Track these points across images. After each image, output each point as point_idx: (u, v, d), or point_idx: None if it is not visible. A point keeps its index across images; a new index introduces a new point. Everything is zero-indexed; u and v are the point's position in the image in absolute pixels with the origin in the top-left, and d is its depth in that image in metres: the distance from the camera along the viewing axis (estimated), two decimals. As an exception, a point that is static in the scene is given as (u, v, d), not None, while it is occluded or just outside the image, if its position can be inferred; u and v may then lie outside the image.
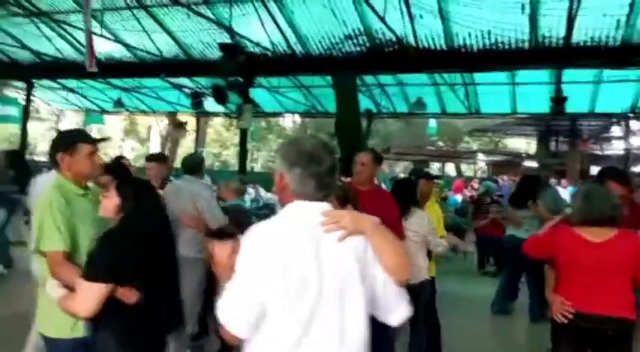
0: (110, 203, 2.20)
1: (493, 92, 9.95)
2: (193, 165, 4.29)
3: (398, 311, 1.67)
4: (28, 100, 11.24)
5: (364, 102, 10.15)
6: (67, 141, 2.48)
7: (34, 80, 11.24)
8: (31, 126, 12.79)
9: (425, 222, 3.70)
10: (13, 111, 13.55)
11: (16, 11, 7.86)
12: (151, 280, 2.14)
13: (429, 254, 3.84)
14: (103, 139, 2.90)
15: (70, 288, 2.14)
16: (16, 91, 13.54)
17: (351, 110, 8.27)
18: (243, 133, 9.21)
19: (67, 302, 2.10)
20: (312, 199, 1.63)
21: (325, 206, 1.65)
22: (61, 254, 2.27)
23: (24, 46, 9.45)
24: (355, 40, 7.76)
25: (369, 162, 3.55)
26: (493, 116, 12.28)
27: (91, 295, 2.02)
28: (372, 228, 1.64)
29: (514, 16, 6.55)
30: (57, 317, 2.29)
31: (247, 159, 9.30)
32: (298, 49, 8.11)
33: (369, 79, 10.19)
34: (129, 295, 2.10)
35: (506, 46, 7.23)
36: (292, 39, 7.90)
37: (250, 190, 13.57)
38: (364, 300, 1.59)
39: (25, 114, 11.37)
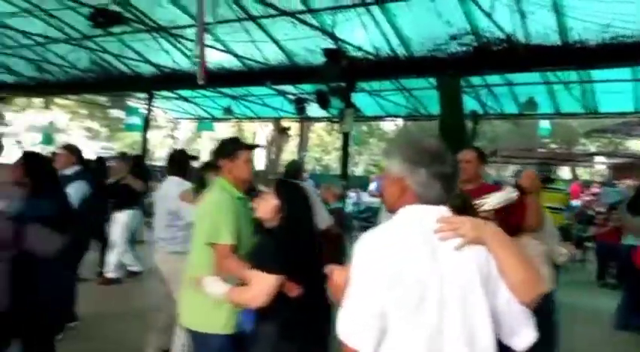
0: (268, 205, 2.33)
1: (613, 90, 9.19)
2: (294, 170, 4.65)
3: (523, 334, 1.48)
4: (149, 110, 12.16)
5: (470, 104, 9.82)
6: (229, 149, 2.75)
7: (154, 91, 12.13)
8: (151, 134, 13.82)
9: (547, 228, 3.48)
10: (136, 120, 14.76)
11: (139, 28, 8.54)
12: (306, 276, 2.24)
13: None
14: (257, 146, 3.25)
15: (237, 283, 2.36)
16: (138, 102, 14.71)
17: (455, 112, 8.03)
18: (345, 137, 9.29)
19: (240, 294, 2.23)
20: (435, 203, 1.50)
21: (444, 210, 1.52)
22: (229, 247, 2.50)
23: (146, 60, 10.25)
24: (461, 40, 7.54)
25: (473, 159, 3.44)
26: (613, 115, 11.33)
27: (266, 287, 2.14)
28: (494, 239, 1.45)
29: (636, 7, 6.02)
30: (211, 313, 2.45)
31: (349, 163, 9.36)
32: (401, 51, 8.04)
33: (475, 79, 9.85)
34: (293, 289, 2.21)
35: (628, 40, 6.65)
36: (395, 42, 7.85)
37: (351, 194, 13.67)
38: (489, 309, 1.42)
39: (146, 123, 12.31)
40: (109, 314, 5.72)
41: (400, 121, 12.32)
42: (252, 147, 2.92)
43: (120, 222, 7.12)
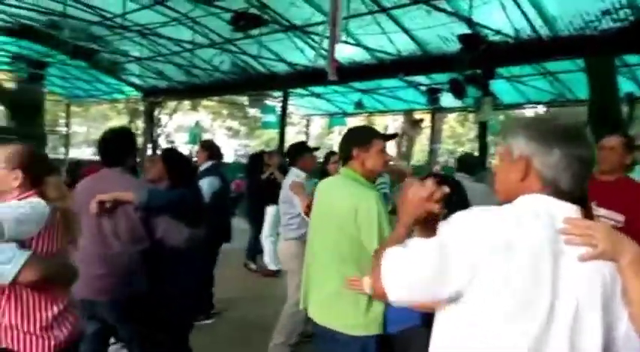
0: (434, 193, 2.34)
1: None
2: (466, 164, 4.61)
3: None
4: (284, 108, 12.65)
5: (625, 85, 8.84)
6: (363, 137, 2.59)
7: (288, 89, 12.59)
8: (285, 130, 14.37)
9: None
10: (272, 118, 15.45)
11: (275, 28, 8.90)
12: None
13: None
14: (394, 136, 2.93)
15: None
16: (273, 100, 15.38)
17: (608, 95, 7.26)
18: (482, 127, 8.87)
19: None
20: (564, 194, 1.25)
21: (575, 210, 1.25)
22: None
23: (281, 59, 10.66)
24: (615, 15, 6.80)
25: (617, 146, 3.02)
26: None
27: None
28: (632, 258, 1.18)
29: None
30: (363, 314, 2.41)
31: (486, 154, 8.92)
32: (544, 32, 7.45)
33: (631, 58, 8.84)
34: None
35: None
36: (537, 22, 7.30)
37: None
38: (603, 337, 1.18)
39: (282, 120, 12.81)
40: (252, 298, 6.06)
41: (542, 108, 11.44)
42: (387, 137, 2.73)
43: (270, 215, 7.50)
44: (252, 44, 9.93)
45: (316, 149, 5.54)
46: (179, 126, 30.76)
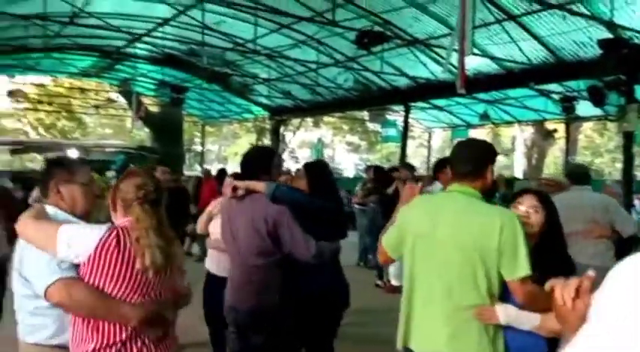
0: (538, 218, 2.25)
1: None
2: (579, 175, 4.16)
3: None
4: (406, 122, 12.57)
5: None
6: (494, 152, 2.44)
7: (410, 103, 12.51)
8: (406, 144, 14.24)
9: None
10: (392, 132, 15.42)
11: (398, 43, 8.93)
12: None
13: None
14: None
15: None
16: (394, 114, 15.36)
17: None
18: (627, 138, 8.09)
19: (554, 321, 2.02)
20: None
21: None
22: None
23: (402, 73, 10.65)
24: None
25: None
26: None
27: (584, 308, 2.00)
28: None
29: None
30: (495, 346, 2.21)
31: (632, 166, 8.12)
32: (702, 30, 6.68)
33: None
34: None
35: None
36: (693, 20, 6.57)
37: (636, 201, 11.77)
38: None
39: (404, 134, 12.73)
40: (374, 314, 6.04)
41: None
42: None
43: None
44: (375, 60, 10.04)
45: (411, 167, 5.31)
46: (302, 142, 31.84)
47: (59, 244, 1.86)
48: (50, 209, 2.11)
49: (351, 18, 8.26)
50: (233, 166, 32.51)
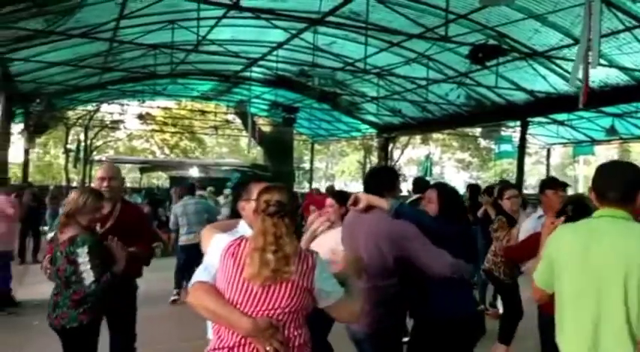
0: None
1: None
2: None
3: None
4: (523, 138, 11.92)
5: None
6: None
7: (528, 118, 11.87)
8: (523, 161, 13.49)
9: None
10: (507, 148, 14.71)
11: (515, 56, 8.54)
12: None
13: None
14: None
15: None
16: (508, 130, 14.68)
17: None
18: None
19: None
20: None
21: None
22: None
23: (519, 87, 10.15)
24: None
25: None
26: None
27: None
28: None
29: None
30: None
31: None
32: None
33: None
34: None
35: None
36: None
37: None
38: None
39: (521, 150, 12.05)
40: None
41: None
42: None
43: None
44: (489, 75, 9.68)
45: (564, 185, 4.78)
46: (409, 160, 31.45)
47: (209, 248, 2.08)
48: (242, 226, 2.37)
49: (464, 33, 8.04)
50: (340, 183, 32.91)
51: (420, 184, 3.57)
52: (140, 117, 20.57)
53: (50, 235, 3.24)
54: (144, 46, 9.38)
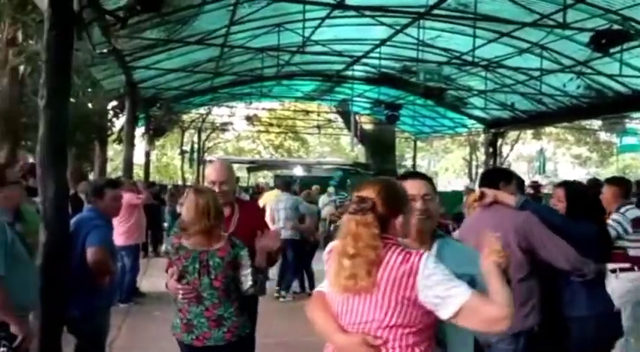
0: None
1: None
2: None
3: None
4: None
5: None
6: None
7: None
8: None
9: None
10: (632, 141, 13.49)
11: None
12: None
13: None
14: None
15: None
16: (633, 122, 13.47)
17: None
18: None
19: None
20: None
21: None
22: None
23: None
24: None
25: None
26: None
27: None
28: None
29: None
30: None
31: None
32: None
33: None
34: None
35: None
36: None
37: None
38: None
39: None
40: None
41: None
42: None
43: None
44: (612, 63, 8.89)
45: None
46: (519, 156, 29.92)
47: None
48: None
49: (583, 18, 7.45)
50: (443, 181, 32.06)
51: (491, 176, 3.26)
52: (248, 118, 21.44)
53: (167, 247, 2.95)
54: (252, 49, 9.73)
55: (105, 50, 6.67)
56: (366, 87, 14.70)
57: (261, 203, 7.35)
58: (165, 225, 11.43)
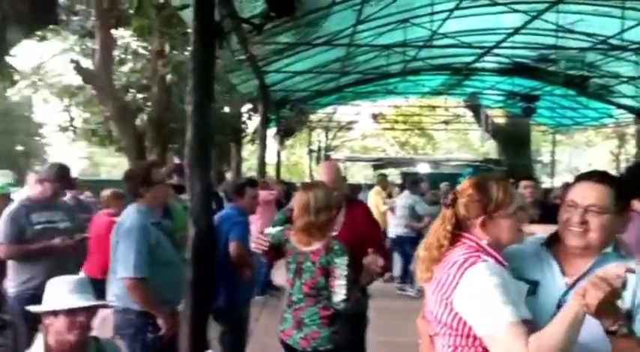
0: None
1: None
2: None
3: None
4: None
5: None
6: None
7: None
8: None
9: None
10: None
11: None
12: None
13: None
14: None
15: None
16: None
17: None
18: None
19: None
20: None
21: None
22: None
23: None
24: None
25: None
26: None
27: None
28: None
29: None
30: None
31: None
32: None
33: None
34: None
35: None
36: None
37: None
38: None
39: None
40: None
41: None
42: None
43: None
44: None
45: None
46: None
47: None
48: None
49: None
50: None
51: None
52: (373, 116, 21.50)
53: (276, 234, 2.83)
54: (377, 47, 9.73)
55: (243, 56, 7.06)
56: (498, 78, 13.95)
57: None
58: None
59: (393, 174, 25.82)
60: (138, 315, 2.99)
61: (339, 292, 2.54)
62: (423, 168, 18.89)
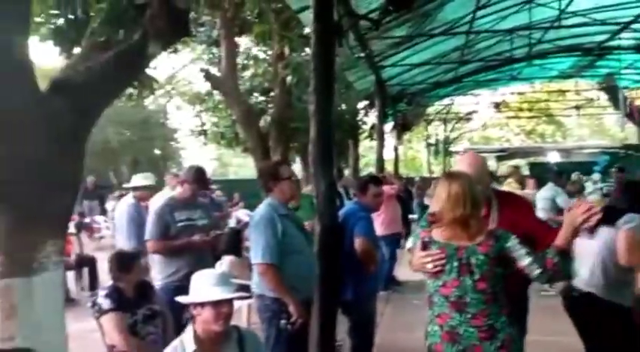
0: None
1: None
2: None
3: None
4: None
5: None
6: None
7: None
8: None
9: None
10: None
11: None
12: None
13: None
14: None
15: None
16: None
17: None
18: None
19: None
20: None
21: None
22: None
23: None
24: None
25: None
26: None
27: None
28: None
29: None
30: None
31: None
32: None
33: None
34: None
35: None
36: None
37: None
38: None
39: None
40: None
41: None
42: None
43: None
44: None
45: None
46: None
47: None
48: None
49: None
50: None
51: None
52: (496, 105, 20.51)
53: (414, 241, 2.56)
54: (500, 32, 9.28)
55: (362, 53, 7.10)
56: (637, 56, 12.61)
57: None
58: (415, 217, 11.70)
59: (520, 165, 24.47)
60: (273, 301, 3.20)
61: (533, 269, 2.24)
62: (553, 157, 17.66)
